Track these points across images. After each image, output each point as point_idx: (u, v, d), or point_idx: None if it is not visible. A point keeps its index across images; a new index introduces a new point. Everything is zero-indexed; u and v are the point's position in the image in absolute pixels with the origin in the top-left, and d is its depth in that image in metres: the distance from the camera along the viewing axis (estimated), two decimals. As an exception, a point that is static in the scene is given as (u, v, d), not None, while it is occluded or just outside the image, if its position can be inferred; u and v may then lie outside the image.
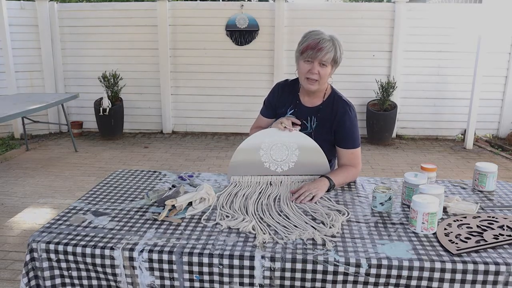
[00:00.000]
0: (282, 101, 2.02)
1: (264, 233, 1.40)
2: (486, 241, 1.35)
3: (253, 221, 1.48)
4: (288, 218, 1.53)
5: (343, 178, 1.85)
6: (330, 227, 1.44)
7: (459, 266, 1.23)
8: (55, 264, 1.36)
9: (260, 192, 1.76)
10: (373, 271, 1.24)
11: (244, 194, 1.74)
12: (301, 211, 1.59)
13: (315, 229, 1.44)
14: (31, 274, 1.38)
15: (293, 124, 1.87)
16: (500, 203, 1.69)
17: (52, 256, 1.35)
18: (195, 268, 1.29)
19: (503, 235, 1.39)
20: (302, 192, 1.70)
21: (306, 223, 1.49)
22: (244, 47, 6.27)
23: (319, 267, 1.25)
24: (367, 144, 5.97)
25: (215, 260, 1.28)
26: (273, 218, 1.53)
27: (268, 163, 1.87)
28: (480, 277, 1.22)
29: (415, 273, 1.23)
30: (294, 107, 1.99)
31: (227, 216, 1.55)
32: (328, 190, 1.78)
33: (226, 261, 1.28)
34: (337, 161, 2.00)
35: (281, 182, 1.85)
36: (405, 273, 1.23)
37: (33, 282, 1.38)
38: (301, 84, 1.92)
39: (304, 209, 1.61)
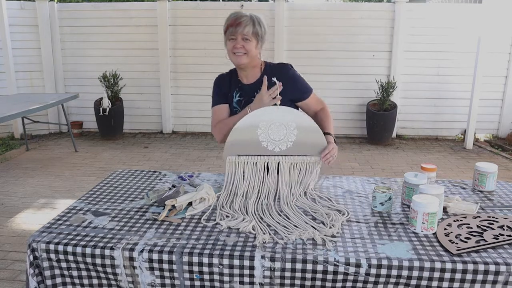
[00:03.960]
0: (227, 88, 2.05)
1: (264, 233, 1.40)
2: (486, 241, 1.35)
3: (253, 221, 1.48)
4: (288, 218, 1.53)
5: (330, 122, 1.98)
6: (330, 227, 1.44)
7: (459, 266, 1.23)
8: (55, 264, 1.36)
9: (259, 191, 1.76)
10: (373, 271, 1.24)
11: (243, 194, 1.74)
12: (301, 211, 1.59)
13: (315, 229, 1.44)
14: (37, 271, 1.38)
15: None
16: (500, 203, 1.69)
17: (52, 256, 1.35)
18: (195, 268, 1.29)
19: (503, 235, 1.39)
20: (332, 151, 1.81)
21: (306, 223, 1.49)
22: (244, 47, 6.25)
23: (319, 267, 1.25)
24: (367, 144, 5.97)
25: (215, 260, 1.28)
26: (273, 218, 1.53)
27: (266, 142, 1.83)
28: (480, 277, 1.22)
29: (415, 273, 1.23)
30: (239, 90, 2.01)
31: (227, 216, 1.55)
32: None
33: (226, 261, 1.28)
34: (307, 112, 2.02)
35: (278, 163, 1.83)
36: (405, 273, 1.23)
37: (39, 278, 1.39)
38: (233, 62, 1.95)
39: (304, 209, 1.61)
